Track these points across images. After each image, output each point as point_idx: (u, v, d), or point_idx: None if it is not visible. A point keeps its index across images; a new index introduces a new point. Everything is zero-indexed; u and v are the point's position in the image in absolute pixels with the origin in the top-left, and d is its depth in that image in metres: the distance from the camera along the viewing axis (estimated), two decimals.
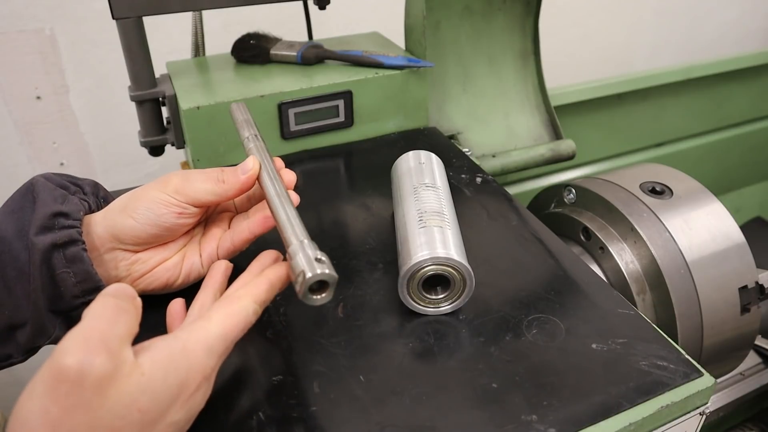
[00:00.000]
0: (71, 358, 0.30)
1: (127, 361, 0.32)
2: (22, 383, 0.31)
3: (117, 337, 0.32)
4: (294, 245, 0.39)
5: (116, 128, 1.21)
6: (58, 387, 0.29)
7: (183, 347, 0.34)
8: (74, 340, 0.31)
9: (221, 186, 0.46)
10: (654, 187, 0.70)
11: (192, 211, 0.47)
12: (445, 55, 0.91)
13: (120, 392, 0.31)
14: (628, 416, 0.40)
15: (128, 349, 0.32)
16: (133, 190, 0.47)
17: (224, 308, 0.37)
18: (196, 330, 0.36)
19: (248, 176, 0.47)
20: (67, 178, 0.48)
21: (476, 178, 0.68)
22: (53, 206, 0.44)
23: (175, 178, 0.46)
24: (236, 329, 0.37)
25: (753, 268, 0.66)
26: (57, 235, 0.43)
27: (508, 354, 0.44)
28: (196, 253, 0.50)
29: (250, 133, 0.52)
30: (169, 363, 0.33)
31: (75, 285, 0.44)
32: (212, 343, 0.35)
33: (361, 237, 0.58)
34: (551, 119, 0.96)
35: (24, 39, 1.08)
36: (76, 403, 0.29)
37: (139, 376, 0.32)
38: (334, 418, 0.40)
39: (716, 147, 1.43)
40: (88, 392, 0.29)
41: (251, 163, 0.47)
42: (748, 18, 1.90)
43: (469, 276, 0.46)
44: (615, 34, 1.71)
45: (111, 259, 0.47)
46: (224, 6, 0.71)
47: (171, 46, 1.09)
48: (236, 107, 0.57)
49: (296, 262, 0.38)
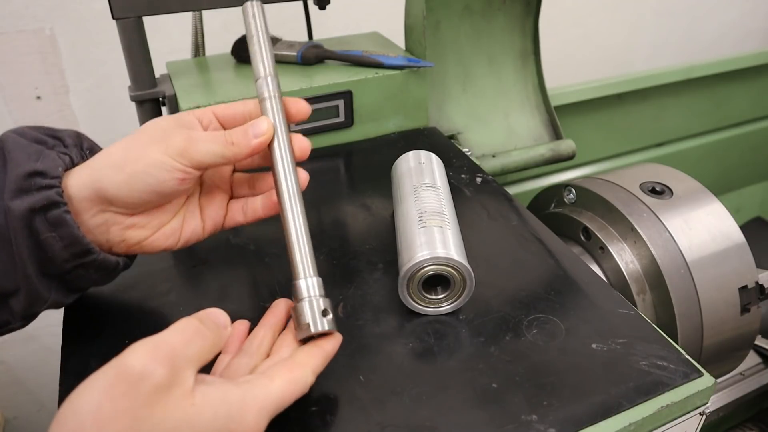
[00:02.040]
0: (137, 360, 0.30)
1: (184, 385, 0.31)
2: (22, 383, 0.31)
3: (185, 357, 0.32)
4: (301, 281, 0.40)
5: (116, 128, 1.21)
6: (117, 385, 0.29)
7: (241, 398, 0.34)
8: (145, 345, 0.31)
9: (230, 148, 0.42)
10: (654, 187, 0.70)
11: (195, 174, 0.42)
12: (445, 55, 0.91)
13: (167, 412, 0.30)
14: (628, 416, 0.40)
15: (192, 373, 0.32)
16: (125, 143, 0.42)
17: (288, 373, 0.37)
18: (258, 386, 0.35)
19: (260, 141, 0.42)
20: (45, 131, 0.43)
21: (476, 178, 0.68)
22: (27, 165, 0.39)
23: (176, 135, 0.41)
24: (293, 396, 0.36)
25: (753, 268, 0.66)
26: (35, 198, 0.39)
27: (508, 354, 0.44)
28: (196, 216, 0.46)
29: (267, 73, 0.45)
30: (221, 406, 0.32)
31: (63, 249, 0.40)
32: (269, 404, 0.35)
33: (361, 237, 0.58)
34: (551, 119, 0.96)
35: (24, 39, 1.08)
36: (127, 407, 0.29)
37: (189, 405, 0.31)
38: (334, 418, 0.40)
39: (716, 147, 1.43)
40: (140, 399, 0.29)
41: (265, 125, 0.43)
42: (748, 18, 1.89)
43: (469, 276, 0.46)
44: (615, 34, 1.71)
45: (101, 222, 0.42)
46: (224, 6, 0.71)
47: (171, 46, 1.09)
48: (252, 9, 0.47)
49: (302, 309, 0.40)
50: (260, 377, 0.36)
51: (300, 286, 0.40)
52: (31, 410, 1.27)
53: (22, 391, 1.24)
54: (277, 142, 0.44)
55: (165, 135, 0.41)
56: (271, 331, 0.43)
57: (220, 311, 0.37)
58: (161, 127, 0.42)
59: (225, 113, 0.46)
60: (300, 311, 0.40)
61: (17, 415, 1.26)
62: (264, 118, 0.44)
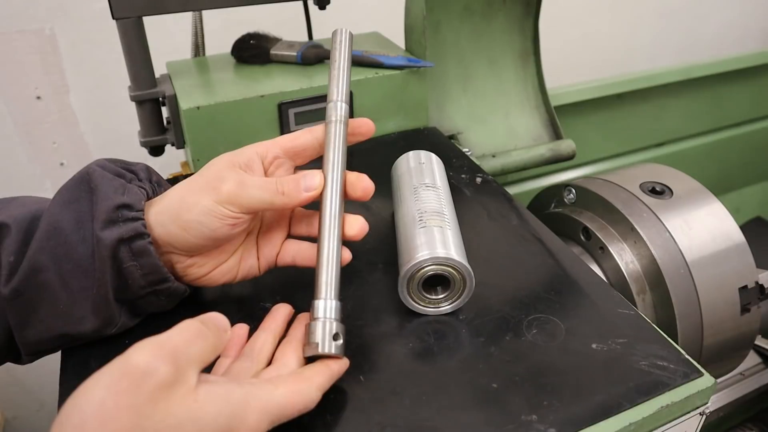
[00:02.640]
0: (142, 357, 0.31)
1: (187, 383, 0.32)
2: (22, 383, 0.31)
3: (188, 356, 0.32)
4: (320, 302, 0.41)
5: (116, 128, 1.21)
6: (120, 381, 0.30)
7: (244, 397, 0.34)
8: (150, 343, 0.31)
9: (280, 198, 0.43)
10: (654, 187, 0.70)
11: (246, 218, 0.43)
12: (445, 55, 0.91)
13: (170, 409, 0.30)
14: (628, 416, 0.40)
15: (195, 372, 0.33)
16: (183, 190, 0.44)
17: (293, 383, 0.37)
18: (261, 389, 0.35)
19: (311, 195, 0.43)
20: (121, 164, 0.46)
21: (476, 178, 0.68)
22: (115, 198, 0.42)
23: (228, 181, 0.42)
24: (296, 407, 0.36)
25: (753, 268, 0.66)
26: (123, 229, 0.41)
27: (508, 354, 0.44)
28: (253, 255, 0.48)
29: (337, 102, 0.46)
30: (224, 404, 0.33)
31: (141, 277, 0.43)
32: (271, 408, 0.35)
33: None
34: (551, 119, 0.96)
35: (24, 39, 1.08)
36: (130, 404, 0.29)
37: (191, 402, 0.31)
38: (334, 418, 0.40)
39: (716, 147, 1.43)
40: (143, 396, 0.30)
41: (318, 180, 0.44)
42: (748, 18, 1.89)
43: (469, 276, 0.46)
44: (615, 34, 1.71)
45: (166, 261, 0.45)
46: (224, 6, 0.71)
47: (171, 46, 1.09)
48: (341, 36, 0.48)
49: (315, 328, 0.40)
50: (265, 382, 0.36)
51: (318, 305, 0.41)
52: (31, 410, 1.27)
53: (22, 391, 1.24)
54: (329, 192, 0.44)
55: (218, 180, 0.43)
56: (272, 335, 0.43)
57: (220, 315, 0.37)
58: (216, 170, 0.44)
59: (293, 145, 0.47)
60: (312, 329, 0.40)
61: (17, 415, 1.26)
62: (317, 172, 0.45)
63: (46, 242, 0.42)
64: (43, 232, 0.42)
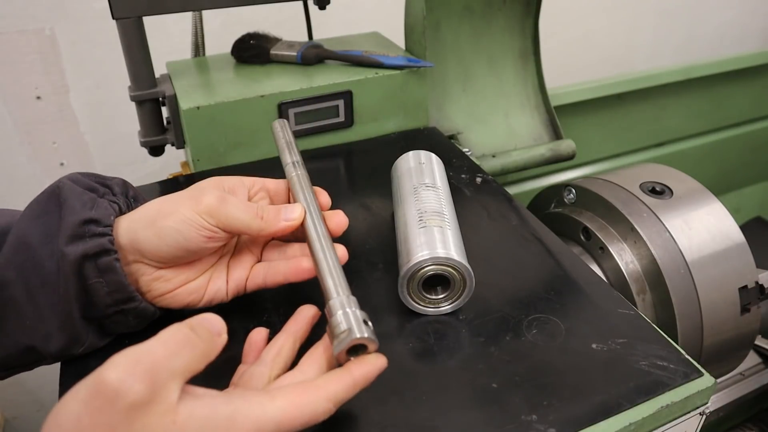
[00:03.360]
0: (114, 374, 0.29)
1: (166, 401, 0.30)
2: (22, 383, 0.31)
3: (168, 370, 0.30)
4: (335, 299, 0.39)
5: (116, 128, 1.21)
6: (94, 399, 0.29)
7: (230, 416, 0.31)
8: (125, 357, 0.30)
9: (258, 222, 0.43)
10: (654, 187, 0.70)
11: (222, 235, 0.43)
12: (445, 55, 0.91)
13: (146, 429, 0.29)
14: (628, 416, 0.40)
15: (176, 387, 0.30)
16: (161, 201, 0.44)
17: (296, 394, 0.34)
18: (252, 403, 0.32)
19: (290, 225, 0.44)
20: (95, 178, 0.45)
21: (476, 178, 0.68)
22: (82, 213, 0.41)
23: (209, 195, 0.42)
24: (296, 423, 0.33)
25: (753, 268, 0.66)
26: (88, 245, 0.40)
27: (508, 354, 0.44)
28: (222, 278, 0.47)
29: (294, 160, 0.49)
30: (207, 425, 0.31)
31: (107, 295, 0.42)
32: (264, 425, 0.32)
33: (361, 237, 0.58)
34: (551, 119, 0.96)
35: (24, 39, 1.08)
36: (105, 422, 0.28)
37: (170, 423, 0.30)
38: (334, 418, 0.40)
39: (716, 147, 1.43)
40: (118, 415, 0.28)
41: (297, 211, 0.44)
42: (748, 18, 1.89)
43: (469, 276, 0.46)
44: (615, 34, 1.71)
45: (133, 271, 0.44)
46: (224, 6, 0.71)
47: (171, 46, 1.09)
48: (279, 126, 0.54)
49: (339, 319, 0.37)
50: (259, 394, 0.33)
51: (334, 303, 0.38)
52: (31, 410, 1.27)
53: (22, 391, 1.24)
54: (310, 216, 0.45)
55: (200, 193, 0.43)
56: (292, 338, 0.41)
57: (214, 317, 0.35)
58: (201, 187, 0.44)
59: (276, 187, 0.48)
60: (337, 322, 0.37)
61: (17, 415, 1.26)
62: (299, 205, 0.45)
63: (13, 256, 0.41)
64: (11, 246, 0.41)
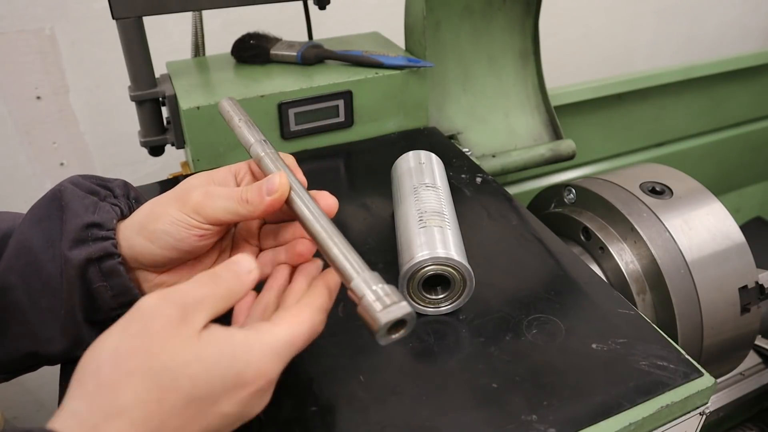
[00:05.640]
0: (149, 301, 0.32)
1: (193, 325, 0.32)
2: (22, 383, 0.31)
3: (195, 301, 0.33)
4: (359, 281, 0.36)
5: (116, 128, 1.21)
6: (130, 325, 0.32)
7: (245, 341, 0.33)
8: (158, 291, 0.33)
9: (244, 206, 0.41)
10: (654, 187, 0.70)
11: (213, 230, 0.42)
12: (445, 55, 0.91)
13: (176, 348, 0.31)
14: (628, 416, 0.40)
15: (202, 317, 0.33)
16: (151, 204, 0.43)
17: (293, 315, 0.36)
18: (263, 331, 0.34)
19: (275, 198, 0.41)
20: (96, 180, 0.45)
21: (476, 178, 0.68)
22: (85, 216, 0.41)
23: (195, 192, 0.42)
24: (303, 337, 0.36)
25: (753, 268, 0.66)
26: (91, 249, 0.41)
27: (508, 354, 0.44)
28: None
29: (257, 139, 0.45)
30: (226, 346, 0.33)
31: (111, 298, 0.42)
32: (276, 347, 0.34)
33: (361, 237, 0.58)
34: (551, 119, 0.96)
35: (24, 39, 1.08)
36: (139, 345, 0.31)
37: (195, 341, 0.32)
38: (334, 418, 0.40)
39: (716, 147, 1.44)
40: (152, 336, 0.31)
41: (278, 181, 0.41)
42: (748, 18, 1.89)
43: (469, 276, 0.46)
44: (615, 34, 1.71)
45: (135, 278, 0.44)
46: (224, 6, 0.71)
47: (171, 46, 1.09)
48: (228, 104, 0.50)
49: (370, 302, 0.35)
50: (266, 323, 0.35)
51: (358, 285, 0.36)
52: (31, 410, 1.27)
53: (22, 391, 1.24)
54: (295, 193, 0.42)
55: (186, 192, 0.42)
56: (275, 294, 0.42)
57: (243, 256, 0.36)
58: (188, 184, 0.43)
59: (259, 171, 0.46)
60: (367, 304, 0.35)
61: (17, 415, 1.26)
62: (276, 174, 0.42)
63: (15, 261, 0.41)
64: (13, 250, 0.41)
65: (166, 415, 0.30)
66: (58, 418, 0.30)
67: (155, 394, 0.30)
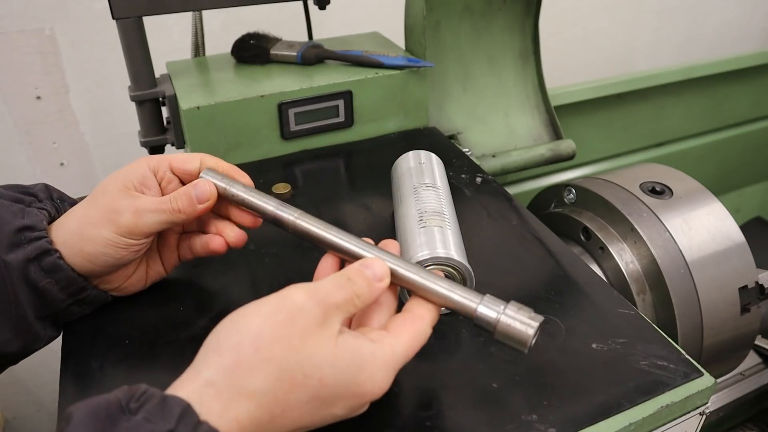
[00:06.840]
0: (300, 295, 0.34)
1: (331, 328, 0.34)
2: (22, 383, 0.31)
3: (336, 305, 0.35)
4: (483, 309, 0.38)
5: (116, 128, 1.21)
6: (278, 313, 0.33)
7: (372, 352, 0.35)
8: (306, 286, 0.35)
9: (177, 216, 0.45)
10: (654, 187, 0.70)
11: (149, 240, 0.46)
12: (445, 55, 0.91)
13: (314, 350, 0.33)
14: (628, 416, 0.40)
15: (338, 319, 0.35)
16: (79, 222, 0.45)
17: (411, 328, 0.37)
18: (385, 344, 0.36)
19: (205, 207, 0.45)
20: (17, 188, 0.48)
21: (476, 178, 0.68)
22: (14, 222, 0.43)
23: (125, 213, 0.43)
24: (415, 350, 0.37)
25: (753, 268, 0.66)
26: (28, 249, 0.43)
27: (508, 354, 0.44)
28: (157, 261, 0.50)
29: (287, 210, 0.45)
30: (356, 357, 0.34)
31: (60, 291, 0.44)
32: (394, 363, 0.36)
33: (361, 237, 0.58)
34: (551, 119, 0.96)
35: (24, 39, 1.08)
36: (282, 336, 0.32)
37: (332, 346, 0.34)
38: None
39: (716, 147, 1.44)
40: (295, 331, 0.33)
41: (208, 189, 0.45)
42: (748, 18, 1.89)
43: (469, 276, 0.46)
44: (615, 34, 1.71)
45: None
46: (224, 6, 0.71)
47: (171, 46, 1.09)
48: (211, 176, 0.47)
49: (508, 323, 0.37)
50: (387, 336, 0.37)
51: (483, 313, 0.38)
52: (31, 410, 1.27)
53: (22, 391, 1.24)
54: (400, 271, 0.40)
55: (114, 213, 0.44)
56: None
57: (378, 262, 0.38)
58: (111, 199, 0.44)
59: (182, 168, 0.47)
60: (504, 329, 0.37)
61: (17, 415, 1.26)
62: (205, 181, 0.45)
63: None
64: None
65: (290, 405, 0.32)
66: (194, 382, 0.31)
67: (287, 386, 0.32)
